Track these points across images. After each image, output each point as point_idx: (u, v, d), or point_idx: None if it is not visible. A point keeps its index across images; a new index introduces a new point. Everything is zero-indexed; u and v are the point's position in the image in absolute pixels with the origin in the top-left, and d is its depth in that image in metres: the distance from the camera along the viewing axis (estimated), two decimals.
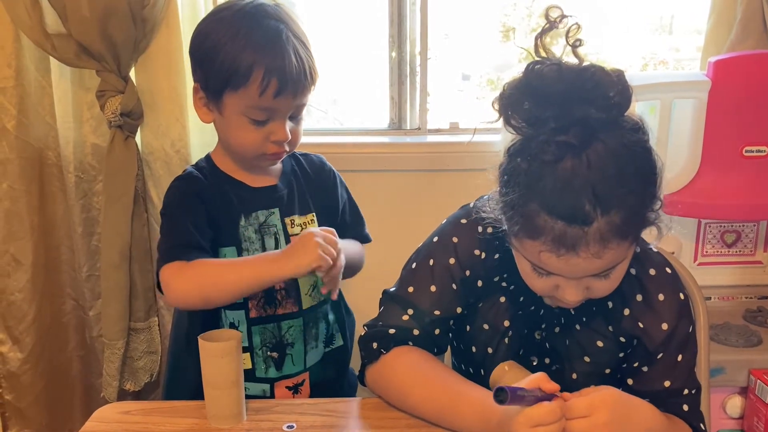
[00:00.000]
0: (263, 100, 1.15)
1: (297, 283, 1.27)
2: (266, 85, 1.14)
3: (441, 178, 1.92)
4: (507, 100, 0.90)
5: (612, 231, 0.86)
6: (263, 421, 1.06)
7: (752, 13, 1.76)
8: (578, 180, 0.85)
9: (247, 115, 1.18)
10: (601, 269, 0.91)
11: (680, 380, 1.03)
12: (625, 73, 0.89)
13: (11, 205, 1.81)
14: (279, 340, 1.27)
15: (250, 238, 1.26)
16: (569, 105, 0.87)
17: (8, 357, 1.88)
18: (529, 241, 0.90)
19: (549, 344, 1.07)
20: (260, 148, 1.20)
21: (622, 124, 0.89)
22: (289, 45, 1.15)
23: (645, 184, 0.89)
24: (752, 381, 1.71)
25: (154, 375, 1.90)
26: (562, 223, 0.86)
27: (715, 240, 1.91)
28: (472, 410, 0.97)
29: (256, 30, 1.15)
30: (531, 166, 0.88)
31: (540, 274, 0.94)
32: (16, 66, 1.74)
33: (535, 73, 0.89)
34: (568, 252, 0.87)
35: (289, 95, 1.16)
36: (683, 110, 1.74)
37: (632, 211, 0.87)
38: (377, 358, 1.08)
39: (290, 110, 1.19)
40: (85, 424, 1.06)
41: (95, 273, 1.88)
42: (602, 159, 0.85)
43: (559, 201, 0.85)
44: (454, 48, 2.15)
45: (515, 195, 0.89)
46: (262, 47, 1.14)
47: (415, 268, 1.11)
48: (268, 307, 1.26)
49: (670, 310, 1.02)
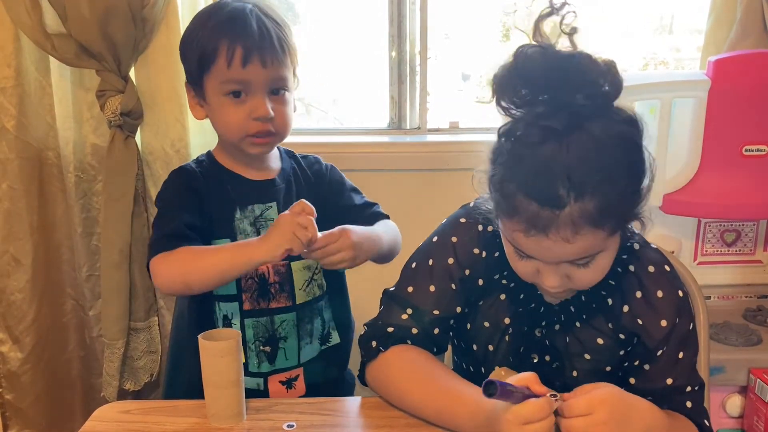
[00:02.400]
0: (233, 72, 1.17)
1: (291, 277, 1.27)
2: (231, 55, 1.16)
3: (441, 178, 1.92)
4: (497, 80, 0.91)
5: (584, 217, 0.86)
6: (263, 420, 1.06)
7: (752, 13, 1.76)
8: (555, 164, 0.85)
9: (223, 94, 1.20)
10: (575, 256, 0.91)
11: (683, 377, 1.03)
12: (616, 63, 0.89)
13: (11, 205, 1.81)
14: (272, 333, 1.28)
15: (244, 231, 1.26)
16: (557, 90, 0.88)
17: (8, 357, 1.88)
18: (507, 220, 0.92)
19: (549, 342, 1.07)
20: (244, 127, 1.21)
21: (612, 115, 0.90)
22: (253, 18, 1.18)
23: (626, 176, 0.89)
24: (752, 380, 1.71)
25: (154, 375, 1.90)
26: (536, 205, 0.87)
27: (714, 239, 1.91)
28: (464, 409, 0.97)
29: (221, 13, 1.20)
30: (514, 147, 0.90)
31: (521, 257, 0.96)
32: (16, 66, 1.74)
33: (522, 56, 0.90)
34: (538, 233, 0.88)
35: (257, 63, 1.17)
36: (683, 110, 1.74)
37: (608, 201, 0.87)
38: (376, 357, 1.08)
39: (266, 83, 1.20)
40: (85, 423, 1.05)
41: (95, 273, 1.88)
42: (583, 146, 0.86)
43: (535, 183, 0.87)
44: (454, 47, 2.15)
45: (498, 174, 0.91)
46: (225, 24, 1.18)
47: (415, 268, 1.11)
48: (262, 300, 1.27)
49: (669, 306, 1.03)
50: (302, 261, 1.27)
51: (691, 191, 1.76)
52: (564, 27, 0.91)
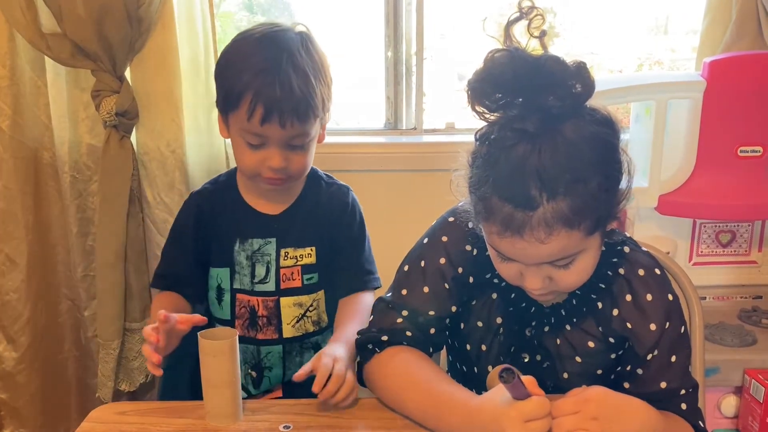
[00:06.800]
0: (251, 126, 1.17)
1: (279, 312, 1.29)
2: (252, 110, 1.15)
3: (437, 178, 1.89)
4: (470, 86, 0.92)
5: (557, 218, 0.87)
6: (260, 421, 1.06)
7: (747, 14, 1.77)
8: (528, 165, 0.86)
9: (242, 137, 1.20)
10: (552, 257, 0.91)
11: (676, 380, 1.03)
12: (586, 64, 0.90)
13: (6, 205, 1.81)
14: (258, 361, 1.31)
15: (240, 263, 1.29)
16: (529, 93, 0.89)
17: (3, 356, 1.87)
18: (484, 223, 0.93)
19: (539, 342, 1.07)
20: (256, 170, 1.22)
21: (584, 115, 0.90)
22: (284, 74, 1.15)
23: (600, 176, 0.89)
24: (747, 381, 1.71)
25: (149, 375, 1.89)
26: (510, 207, 0.88)
27: (710, 240, 1.91)
28: (454, 412, 0.96)
29: (257, 55, 1.17)
30: (489, 151, 0.91)
31: (502, 259, 0.97)
32: (11, 65, 1.74)
33: (491, 61, 0.91)
34: (513, 235, 0.89)
35: (275, 124, 1.16)
36: (678, 111, 1.74)
37: (581, 201, 0.87)
38: (371, 358, 1.09)
39: (283, 139, 1.18)
40: (81, 424, 1.05)
41: (90, 273, 1.87)
42: (555, 147, 0.87)
43: (508, 185, 0.88)
44: (450, 48, 2.15)
45: (474, 177, 0.93)
46: (256, 73, 1.16)
47: (408, 271, 1.12)
48: (251, 329, 1.31)
49: (658, 310, 1.03)
50: (293, 297, 1.29)
51: (687, 192, 1.77)
52: (533, 30, 0.92)
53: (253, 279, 1.29)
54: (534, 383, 0.91)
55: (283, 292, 1.28)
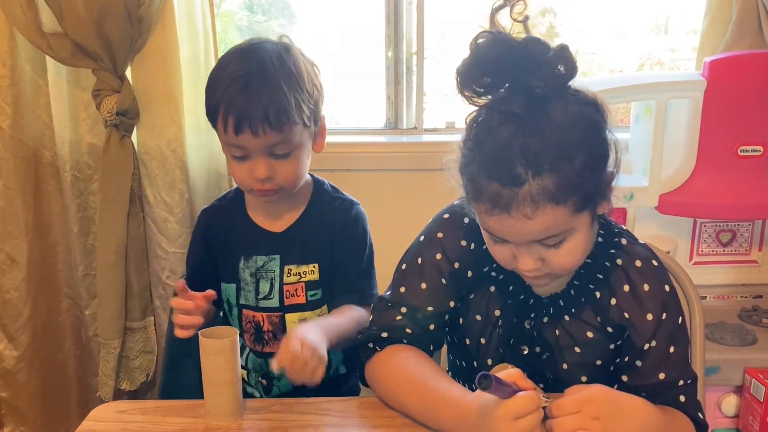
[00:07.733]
0: (229, 138, 1.17)
1: (284, 327, 1.29)
2: (226, 122, 1.15)
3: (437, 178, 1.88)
4: (458, 72, 0.95)
5: (542, 194, 0.88)
6: (261, 420, 1.06)
7: (747, 14, 1.76)
8: (513, 144, 0.88)
9: (228, 151, 1.21)
10: (540, 234, 0.92)
11: (674, 371, 1.04)
12: (568, 46, 0.92)
13: (7, 204, 1.81)
14: (266, 371, 1.32)
15: (245, 280, 1.30)
16: (514, 75, 0.90)
17: (4, 354, 1.88)
18: (474, 203, 0.95)
19: (538, 334, 1.08)
20: (247, 183, 1.22)
21: (569, 96, 0.92)
22: (255, 83, 1.14)
23: (584, 154, 0.90)
24: (747, 380, 1.71)
25: (150, 374, 1.90)
26: (497, 184, 0.90)
27: (710, 239, 1.92)
28: (449, 410, 0.97)
29: (230, 68, 1.17)
30: (476, 133, 0.94)
31: (495, 241, 0.98)
32: (12, 65, 1.74)
33: (475, 46, 0.93)
34: (501, 212, 0.90)
35: (248, 133, 1.14)
36: (679, 110, 1.74)
37: (566, 178, 0.89)
38: (372, 356, 1.09)
39: (261, 147, 1.17)
40: (82, 423, 1.05)
41: (91, 272, 1.88)
42: (540, 126, 0.89)
43: (495, 163, 0.90)
44: (451, 47, 2.15)
45: (464, 159, 0.95)
46: (227, 86, 1.15)
47: (405, 269, 1.12)
48: (257, 344, 1.32)
49: (655, 300, 1.03)
50: (298, 313, 1.29)
51: (687, 192, 1.77)
52: (515, 15, 0.94)
53: (257, 295, 1.29)
54: (521, 376, 0.90)
55: (288, 308, 1.28)
